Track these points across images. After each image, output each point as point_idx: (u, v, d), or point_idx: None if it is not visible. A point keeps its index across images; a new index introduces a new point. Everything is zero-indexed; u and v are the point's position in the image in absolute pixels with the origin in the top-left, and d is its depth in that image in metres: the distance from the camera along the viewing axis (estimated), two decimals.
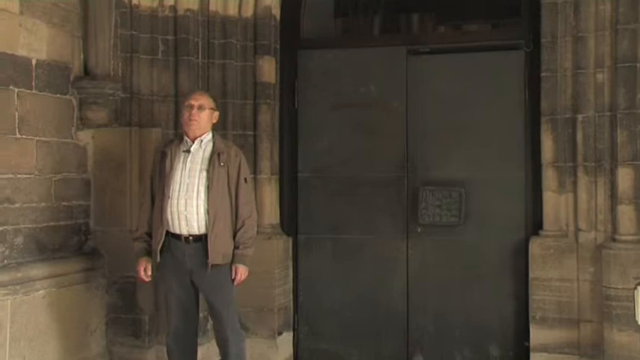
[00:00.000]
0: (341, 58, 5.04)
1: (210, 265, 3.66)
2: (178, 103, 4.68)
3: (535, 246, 4.48)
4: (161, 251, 3.75)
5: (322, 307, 4.99)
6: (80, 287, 4.37)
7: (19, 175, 4.02)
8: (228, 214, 3.73)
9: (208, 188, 3.67)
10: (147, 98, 4.64)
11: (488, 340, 4.75)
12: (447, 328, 4.82)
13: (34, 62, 4.10)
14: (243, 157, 3.88)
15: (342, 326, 4.98)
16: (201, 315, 4.08)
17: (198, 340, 4.01)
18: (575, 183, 4.42)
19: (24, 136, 4.05)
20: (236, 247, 3.74)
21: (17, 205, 4.01)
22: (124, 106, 4.59)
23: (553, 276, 4.41)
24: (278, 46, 5.04)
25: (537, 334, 4.43)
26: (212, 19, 4.79)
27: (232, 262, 3.74)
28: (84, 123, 4.49)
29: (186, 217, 3.69)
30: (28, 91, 4.07)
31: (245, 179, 3.80)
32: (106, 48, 4.48)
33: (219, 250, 3.68)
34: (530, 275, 4.48)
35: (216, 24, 4.81)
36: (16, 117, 3.99)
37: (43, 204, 4.19)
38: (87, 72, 4.47)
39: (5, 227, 3.93)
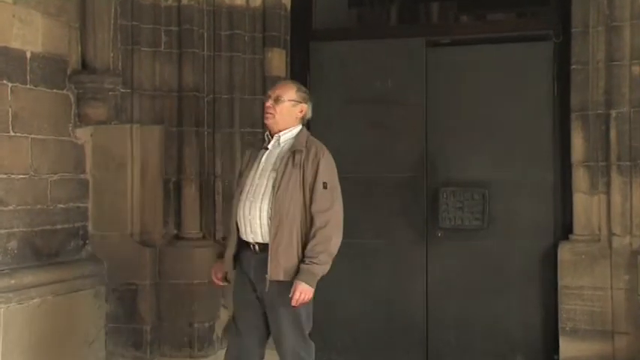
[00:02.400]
0: (355, 50, 4.98)
1: (268, 280, 3.28)
2: (182, 98, 4.64)
3: (565, 251, 4.40)
4: (236, 260, 3.45)
5: (335, 317, 4.92)
6: (78, 295, 4.32)
7: (12, 176, 3.98)
8: (297, 223, 3.30)
9: (274, 192, 3.31)
10: (149, 93, 4.62)
11: (513, 353, 4.67)
12: (469, 339, 4.74)
13: (28, 55, 4.06)
14: (328, 158, 3.40)
15: (357, 337, 4.91)
16: None
17: None
18: (608, 184, 4.33)
19: (18, 134, 4.00)
20: (302, 261, 3.28)
21: (11, 208, 3.97)
22: (124, 102, 4.56)
23: (584, 284, 4.33)
24: (288, 38, 4.99)
25: (568, 347, 4.35)
26: (218, 9, 4.75)
27: (295, 277, 3.27)
28: (82, 120, 4.44)
29: (250, 222, 3.36)
30: (23, 85, 4.03)
31: (324, 184, 3.33)
32: (106, 40, 4.43)
33: (279, 264, 3.27)
34: (560, 283, 4.40)
35: (222, 14, 4.76)
36: (10, 113, 3.94)
37: (39, 206, 4.15)
38: (85, 65, 4.43)
39: None
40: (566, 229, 4.50)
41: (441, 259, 4.79)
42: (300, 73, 5.02)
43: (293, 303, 3.24)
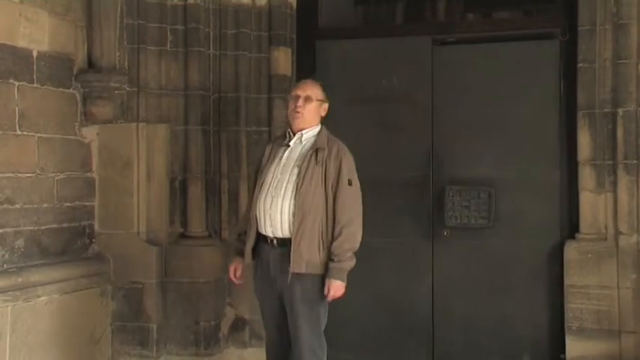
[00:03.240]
0: (361, 48, 4.97)
1: (290, 273, 3.42)
2: (188, 97, 4.64)
3: (571, 250, 4.38)
4: (254, 254, 3.59)
5: (341, 315, 4.85)
6: (84, 293, 4.33)
7: (19, 174, 3.99)
8: (319, 218, 3.45)
9: (297, 187, 3.45)
10: (155, 92, 4.62)
11: (520, 352, 4.65)
12: (475, 337, 4.73)
13: (35, 54, 4.07)
14: (349, 157, 3.57)
15: (363, 336, 4.90)
16: None
17: None
18: (614, 182, 4.32)
19: (25, 133, 4.02)
20: (331, 260, 3.44)
21: (18, 206, 3.98)
22: (130, 101, 4.56)
23: (591, 283, 4.32)
24: (294, 37, 4.98)
25: (574, 346, 4.34)
26: (224, 8, 4.75)
27: (326, 275, 3.44)
28: (88, 118, 4.45)
29: (270, 216, 3.48)
30: (29, 84, 4.04)
31: (349, 181, 3.50)
32: (112, 38, 4.44)
33: (302, 257, 3.41)
34: (566, 282, 4.39)
35: (228, 13, 4.76)
36: (17, 112, 3.96)
37: (45, 205, 4.16)
38: (91, 64, 4.43)
39: (5, 229, 3.90)
40: (572, 228, 4.49)
41: (447, 257, 4.78)
42: (305, 72, 4.98)
43: (329, 299, 3.44)
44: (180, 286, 4.57)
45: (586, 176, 4.39)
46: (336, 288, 3.44)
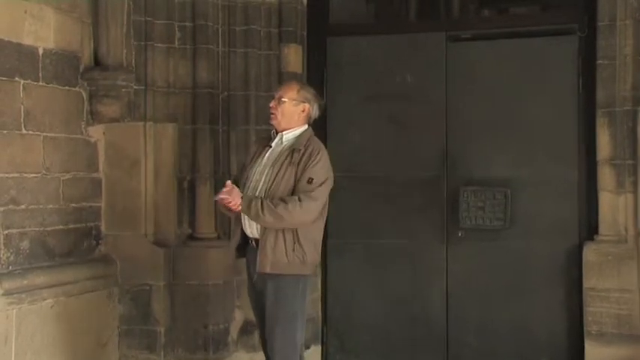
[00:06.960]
0: (374, 45, 4.95)
1: (257, 272, 3.48)
2: (196, 95, 4.65)
3: (590, 252, 4.35)
4: (243, 253, 3.64)
5: (353, 318, 4.91)
6: (91, 296, 4.32)
7: (25, 174, 3.98)
8: None
9: (269, 187, 3.47)
10: (162, 90, 4.62)
11: (537, 356, 4.63)
12: (490, 342, 4.71)
13: (40, 52, 4.05)
14: (322, 158, 3.50)
15: (375, 340, 4.89)
16: None
17: None
18: (635, 182, 4.28)
19: (30, 132, 4.00)
20: (264, 198, 3.41)
21: (23, 207, 3.97)
22: (137, 99, 4.55)
23: (611, 286, 4.28)
24: (305, 33, 4.97)
25: (593, 351, 4.31)
26: (233, 4, 4.73)
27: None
28: (94, 117, 4.44)
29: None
30: (35, 82, 4.03)
31: (310, 179, 3.43)
32: (118, 36, 4.42)
33: (267, 257, 3.42)
34: (585, 285, 4.35)
35: (237, 9, 4.74)
36: (22, 111, 3.94)
37: (51, 205, 4.15)
38: (97, 62, 4.42)
39: (10, 230, 3.88)
40: (591, 230, 4.45)
41: (461, 259, 4.76)
42: (316, 69, 5.01)
43: (220, 196, 3.40)
44: (188, 288, 4.55)
45: (605, 176, 4.35)
46: (235, 199, 3.39)
